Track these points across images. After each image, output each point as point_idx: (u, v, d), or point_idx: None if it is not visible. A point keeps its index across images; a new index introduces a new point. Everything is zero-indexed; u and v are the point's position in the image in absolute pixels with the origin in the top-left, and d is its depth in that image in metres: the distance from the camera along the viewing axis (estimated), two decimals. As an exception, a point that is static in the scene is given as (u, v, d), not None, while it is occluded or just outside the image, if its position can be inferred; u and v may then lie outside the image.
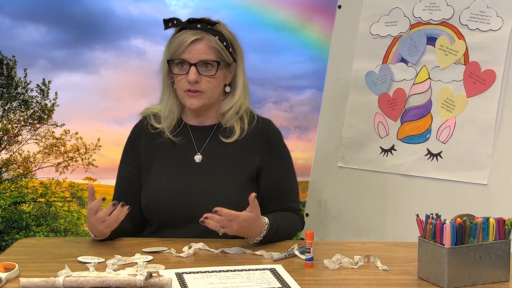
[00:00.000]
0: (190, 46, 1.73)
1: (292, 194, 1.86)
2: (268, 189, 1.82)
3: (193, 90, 1.75)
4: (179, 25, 1.77)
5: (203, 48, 1.74)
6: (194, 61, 1.73)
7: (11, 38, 3.31)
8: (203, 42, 1.74)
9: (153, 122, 1.85)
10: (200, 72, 1.74)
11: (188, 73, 1.73)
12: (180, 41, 1.74)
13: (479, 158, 2.06)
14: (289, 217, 1.81)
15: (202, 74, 1.74)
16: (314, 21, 3.33)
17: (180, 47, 1.74)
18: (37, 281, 1.27)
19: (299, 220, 1.85)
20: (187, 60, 1.73)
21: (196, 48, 1.74)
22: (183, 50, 1.74)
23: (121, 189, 1.88)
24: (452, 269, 1.31)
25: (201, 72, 1.74)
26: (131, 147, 1.88)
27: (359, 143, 2.37)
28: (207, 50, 1.74)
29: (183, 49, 1.73)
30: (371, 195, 2.33)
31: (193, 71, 1.73)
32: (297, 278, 1.37)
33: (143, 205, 1.82)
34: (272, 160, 1.83)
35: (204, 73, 1.75)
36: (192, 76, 1.73)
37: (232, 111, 1.81)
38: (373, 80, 2.34)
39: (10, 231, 3.42)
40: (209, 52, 1.74)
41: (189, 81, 1.73)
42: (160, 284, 1.29)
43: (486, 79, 2.06)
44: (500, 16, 2.05)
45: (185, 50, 1.73)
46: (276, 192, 1.82)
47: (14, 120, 3.41)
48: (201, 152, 1.82)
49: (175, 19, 1.78)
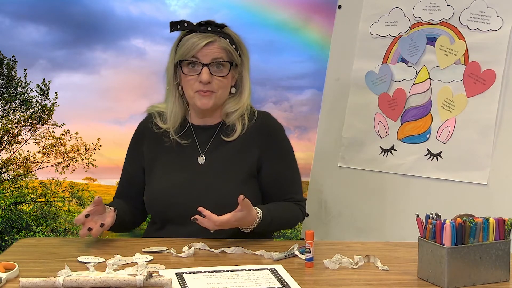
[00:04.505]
0: (203, 48, 1.74)
1: (293, 185, 1.87)
2: (268, 181, 1.83)
3: (205, 90, 1.76)
4: (188, 28, 1.78)
5: (216, 49, 1.76)
6: (206, 61, 1.75)
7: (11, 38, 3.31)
8: (215, 44, 1.76)
9: (158, 121, 1.86)
10: (212, 73, 1.75)
11: (200, 73, 1.75)
12: (192, 43, 1.74)
13: (479, 158, 2.06)
14: (288, 207, 1.82)
15: (214, 75, 1.76)
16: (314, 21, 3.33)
17: (193, 49, 1.74)
18: (37, 281, 1.27)
19: (299, 210, 1.86)
20: (199, 60, 1.74)
21: (209, 49, 1.75)
22: (195, 52, 1.74)
23: (123, 183, 1.95)
24: (452, 269, 1.32)
25: (213, 73, 1.76)
26: (136, 146, 1.91)
27: (359, 143, 2.37)
28: (220, 51, 1.76)
29: (196, 51, 1.74)
30: (371, 195, 2.33)
31: (205, 71, 1.74)
32: (297, 278, 1.37)
33: (147, 204, 1.86)
34: (272, 153, 1.84)
35: (216, 74, 1.76)
36: (206, 76, 1.74)
37: (238, 113, 1.83)
38: (373, 80, 2.34)
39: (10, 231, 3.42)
40: (221, 52, 1.76)
41: (202, 81, 1.75)
42: (160, 284, 1.29)
43: (486, 79, 2.06)
44: (500, 16, 2.05)
45: (198, 52, 1.74)
46: (276, 183, 1.83)
47: (14, 120, 3.41)
48: (204, 153, 1.83)
49: (185, 22, 1.78)
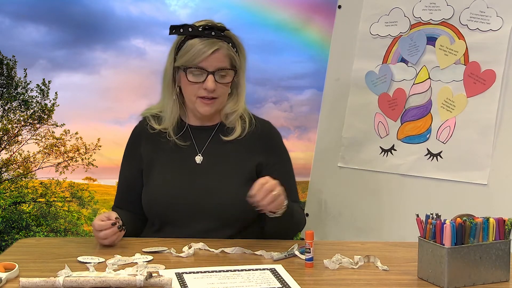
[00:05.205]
0: (209, 57, 1.74)
1: (293, 193, 1.87)
2: None
3: (209, 97, 1.77)
4: (193, 34, 1.76)
5: (220, 57, 1.76)
6: (212, 69, 1.75)
7: (11, 38, 3.31)
8: (220, 51, 1.75)
9: (152, 123, 1.86)
10: (216, 80, 1.76)
11: (205, 81, 1.75)
12: (198, 51, 1.73)
13: (479, 158, 2.06)
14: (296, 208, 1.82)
15: (218, 82, 1.76)
16: (314, 21, 3.33)
17: (199, 57, 1.73)
18: (37, 281, 1.27)
19: (303, 213, 1.89)
20: (205, 68, 1.74)
21: (214, 57, 1.75)
22: (201, 60, 1.74)
23: (122, 190, 1.91)
24: (452, 269, 1.31)
25: (218, 80, 1.76)
26: (132, 150, 1.89)
27: (359, 143, 2.37)
28: (224, 58, 1.76)
29: (202, 59, 1.74)
30: (371, 195, 2.33)
31: (211, 79, 1.74)
32: (297, 278, 1.37)
33: (145, 205, 1.83)
34: (273, 161, 1.84)
35: (220, 81, 1.77)
36: (211, 85, 1.74)
37: (236, 114, 1.84)
38: (373, 80, 2.34)
39: (10, 231, 3.42)
40: (225, 60, 1.76)
41: (208, 89, 1.75)
42: (160, 284, 1.29)
43: (486, 79, 2.06)
44: (500, 16, 2.05)
45: (204, 60, 1.74)
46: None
47: (14, 120, 3.40)
48: (201, 153, 1.83)
49: (190, 26, 1.76)
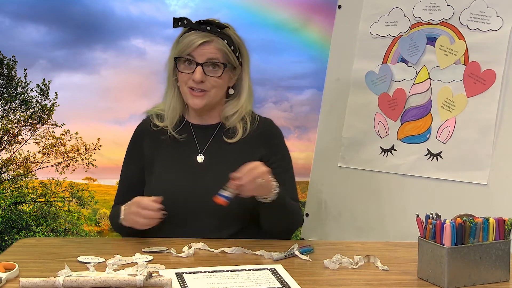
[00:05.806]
0: (199, 47, 1.75)
1: (292, 191, 1.87)
2: None
3: (197, 89, 1.78)
4: (188, 26, 1.79)
5: (211, 49, 1.76)
6: (201, 61, 1.76)
7: (11, 38, 3.30)
8: (212, 44, 1.77)
9: (155, 121, 1.87)
10: (206, 73, 1.76)
11: (194, 72, 1.76)
12: (189, 41, 1.76)
13: (479, 158, 2.06)
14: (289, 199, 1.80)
15: (207, 75, 1.76)
16: (314, 21, 3.33)
17: (189, 47, 1.76)
18: (37, 281, 1.27)
19: (300, 210, 1.86)
20: (194, 58, 1.75)
21: (205, 49, 1.76)
22: (191, 50, 1.76)
23: (123, 187, 1.92)
24: (452, 269, 1.32)
25: (207, 73, 1.76)
26: (135, 148, 1.90)
27: (359, 143, 2.37)
28: (215, 51, 1.77)
29: (192, 49, 1.76)
30: (371, 195, 2.33)
31: (199, 70, 1.75)
32: (297, 278, 1.37)
33: None
34: (273, 159, 1.84)
35: (210, 74, 1.77)
36: (198, 76, 1.75)
37: (236, 115, 1.84)
38: (373, 80, 2.34)
39: (10, 231, 3.42)
40: (217, 53, 1.77)
41: (195, 80, 1.76)
42: (160, 284, 1.29)
43: (486, 79, 2.06)
44: (500, 16, 2.05)
45: (194, 50, 1.75)
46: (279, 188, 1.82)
47: (14, 120, 3.40)
48: (203, 152, 1.83)
49: (185, 19, 1.79)
